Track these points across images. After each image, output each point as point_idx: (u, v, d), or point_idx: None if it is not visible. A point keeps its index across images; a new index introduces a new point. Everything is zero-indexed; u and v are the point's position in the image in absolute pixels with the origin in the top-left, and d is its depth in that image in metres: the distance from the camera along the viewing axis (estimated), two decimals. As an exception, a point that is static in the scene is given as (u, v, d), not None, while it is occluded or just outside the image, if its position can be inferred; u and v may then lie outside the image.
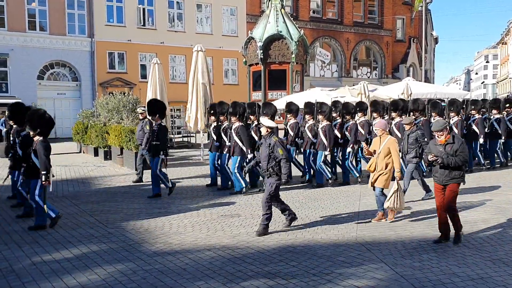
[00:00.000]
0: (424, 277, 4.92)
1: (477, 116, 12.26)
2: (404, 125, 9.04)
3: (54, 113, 27.63)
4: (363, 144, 7.83)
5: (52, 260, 5.63)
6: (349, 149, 10.44)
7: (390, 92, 17.54)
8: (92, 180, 11.80)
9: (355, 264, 5.34)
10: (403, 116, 11.17)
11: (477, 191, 9.68)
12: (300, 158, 11.40)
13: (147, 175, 11.07)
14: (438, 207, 6.15)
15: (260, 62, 19.35)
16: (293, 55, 19.18)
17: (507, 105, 13.37)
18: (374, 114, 10.74)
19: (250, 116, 10.34)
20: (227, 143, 9.96)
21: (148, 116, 10.56)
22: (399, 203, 6.93)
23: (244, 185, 9.58)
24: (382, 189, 7.15)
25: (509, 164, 13.32)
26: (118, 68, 29.61)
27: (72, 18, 27.95)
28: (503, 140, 12.67)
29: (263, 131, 6.94)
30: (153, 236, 6.66)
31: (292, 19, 21.13)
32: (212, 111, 10.64)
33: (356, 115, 11.04)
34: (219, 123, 10.47)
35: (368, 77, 37.11)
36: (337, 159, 10.80)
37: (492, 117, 12.83)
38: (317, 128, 10.34)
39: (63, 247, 6.14)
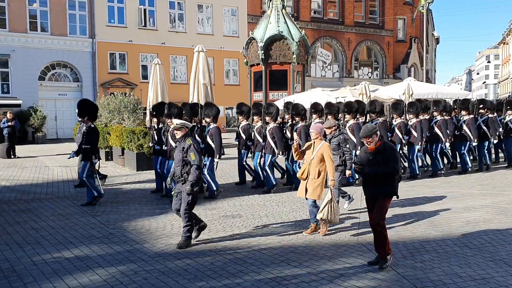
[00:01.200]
0: (426, 278, 4.91)
1: (439, 117, 11.61)
2: (325, 129, 7.80)
3: (56, 114, 27.74)
4: (295, 136, 6.86)
5: (53, 261, 5.63)
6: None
7: (391, 92, 17.55)
8: (94, 180, 11.80)
9: (357, 265, 5.33)
10: (360, 118, 10.79)
11: (478, 191, 9.67)
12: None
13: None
14: (371, 224, 5.43)
15: (261, 63, 19.37)
16: (294, 56, 19.20)
17: (481, 105, 12.76)
18: (329, 117, 10.22)
19: (193, 118, 9.66)
20: (164, 147, 9.31)
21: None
22: (333, 215, 6.28)
23: (158, 187, 8.95)
24: (315, 200, 6.55)
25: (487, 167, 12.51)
26: (119, 69, 29.65)
27: (73, 18, 28.01)
28: (474, 143, 11.82)
29: (179, 134, 6.25)
30: (154, 236, 6.66)
31: (293, 19, 21.15)
32: (154, 113, 10.16)
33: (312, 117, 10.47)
34: (160, 125, 9.91)
35: (369, 78, 37.11)
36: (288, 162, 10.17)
37: (461, 118, 12.18)
38: (265, 130, 9.86)
39: (65, 248, 6.14)
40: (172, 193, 6.40)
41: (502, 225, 6.95)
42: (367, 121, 10.91)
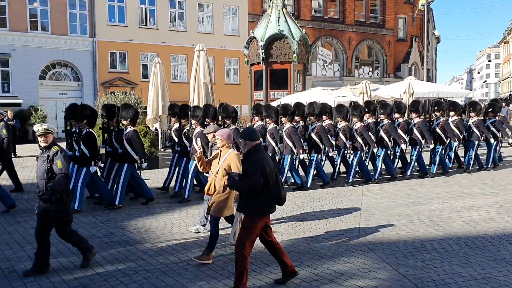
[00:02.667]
0: (427, 277, 4.90)
1: (385, 121, 10.95)
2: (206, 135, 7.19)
3: (56, 113, 27.72)
4: (198, 144, 5.92)
5: (53, 260, 5.62)
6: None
7: (392, 91, 17.55)
8: (94, 180, 11.79)
9: (358, 264, 5.32)
10: (300, 121, 10.37)
11: (479, 190, 9.66)
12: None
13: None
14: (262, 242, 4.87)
15: (261, 62, 19.33)
16: (295, 55, 19.15)
17: (436, 108, 11.93)
18: (267, 120, 9.94)
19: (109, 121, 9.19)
20: (77, 153, 8.68)
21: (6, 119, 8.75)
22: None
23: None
24: (218, 218, 5.69)
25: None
26: (119, 68, 29.62)
27: (73, 18, 27.97)
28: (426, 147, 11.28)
29: (44, 141, 5.34)
30: (154, 236, 6.65)
31: (293, 18, 21.11)
32: (66, 116, 9.39)
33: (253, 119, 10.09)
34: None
35: (370, 77, 37.06)
36: None
37: (412, 121, 11.47)
38: (192, 134, 9.08)
39: (65, 247, 6.13)
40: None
41: (503, 224, 6.94)
42: (306, 124, 10.52)
